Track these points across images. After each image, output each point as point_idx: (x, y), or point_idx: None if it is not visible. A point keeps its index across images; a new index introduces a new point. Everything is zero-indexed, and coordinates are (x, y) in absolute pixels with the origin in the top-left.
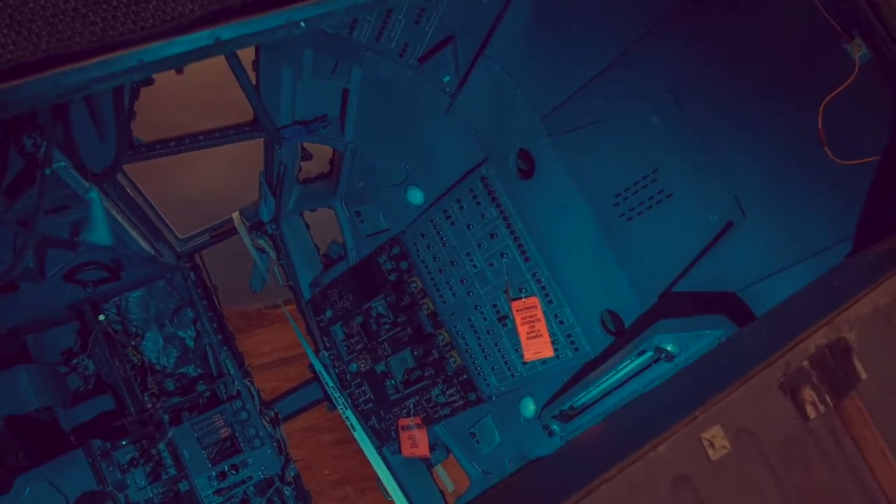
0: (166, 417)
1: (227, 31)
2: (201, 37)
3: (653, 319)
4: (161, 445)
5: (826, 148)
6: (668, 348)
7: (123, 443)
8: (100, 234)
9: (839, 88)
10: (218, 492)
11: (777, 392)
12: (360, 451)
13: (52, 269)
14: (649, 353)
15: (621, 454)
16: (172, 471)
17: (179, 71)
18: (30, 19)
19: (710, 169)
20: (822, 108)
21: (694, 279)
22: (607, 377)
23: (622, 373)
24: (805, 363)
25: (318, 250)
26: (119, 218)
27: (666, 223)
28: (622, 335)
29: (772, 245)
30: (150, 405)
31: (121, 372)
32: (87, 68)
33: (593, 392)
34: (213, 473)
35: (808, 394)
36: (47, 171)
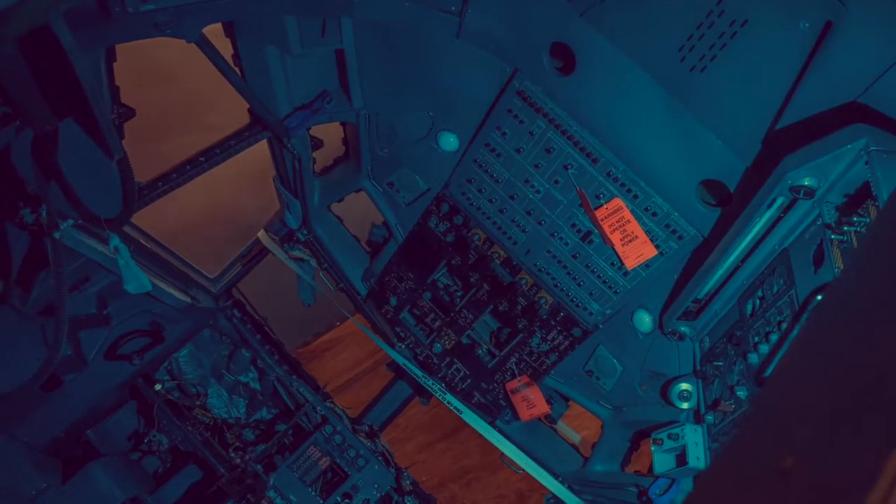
0: (259, 467)
1: None
2: None
3: (767, 168)
4: (271, 493)
5: None
6: (806, 183)
7: None
8: (137, 280)
9: None
10: None
11: None
12: (449, 450)
13: (90, 351)
14: (780, 200)
15: None
16: None
17: None
18: None
19: None
20: None
21: (800, 105)
22: (731, 251)
23: (750, 237)
24: None
25: (359, 241)
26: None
27: (749, 56)
28: (730, 202)
29: (888, 28)
30: (238, 460)
31: (197, 437)
32: None
33: (719, 273)
34: None
35: None
36: (56, 235)
